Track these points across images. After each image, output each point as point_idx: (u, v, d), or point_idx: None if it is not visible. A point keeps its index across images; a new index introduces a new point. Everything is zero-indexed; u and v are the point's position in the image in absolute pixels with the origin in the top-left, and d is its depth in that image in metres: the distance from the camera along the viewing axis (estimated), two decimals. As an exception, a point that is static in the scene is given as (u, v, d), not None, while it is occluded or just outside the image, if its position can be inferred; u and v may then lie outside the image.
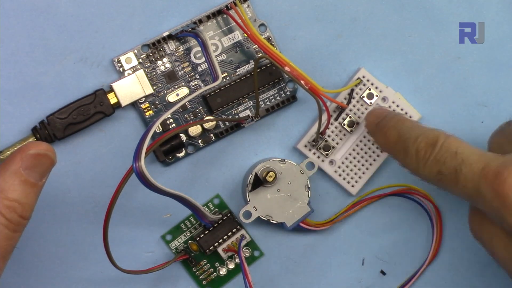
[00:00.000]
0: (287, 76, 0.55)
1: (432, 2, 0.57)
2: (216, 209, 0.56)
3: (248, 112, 0.56)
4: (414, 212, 0.57)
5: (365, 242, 0.57)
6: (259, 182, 0.54)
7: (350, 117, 0.56)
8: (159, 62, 0.55)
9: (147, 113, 0.55)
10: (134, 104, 0.55)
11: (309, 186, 0.55)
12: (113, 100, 0.54)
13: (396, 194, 0.57)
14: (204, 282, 0.56)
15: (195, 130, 0.55)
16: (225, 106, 0.55)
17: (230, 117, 0.56)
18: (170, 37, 0.55)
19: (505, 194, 0.44)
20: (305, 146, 0.56)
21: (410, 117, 0.56)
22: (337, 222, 0.57)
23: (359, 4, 0.57)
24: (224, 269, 0.56)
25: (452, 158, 0.47)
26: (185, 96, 0.55)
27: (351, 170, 0.56)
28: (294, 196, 0.55)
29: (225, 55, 0.56)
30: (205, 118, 0.55)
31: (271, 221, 0.55)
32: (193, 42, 0.55)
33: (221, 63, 0.56)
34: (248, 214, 0.54)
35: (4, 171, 0.45)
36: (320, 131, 0.55)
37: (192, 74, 0.55)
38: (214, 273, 0.56)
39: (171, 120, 0.55)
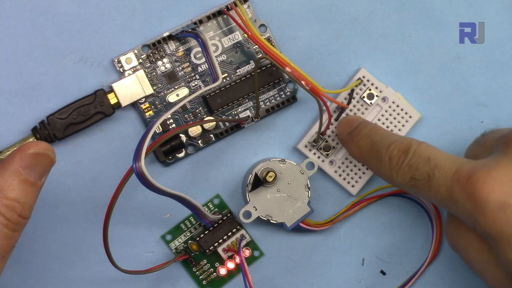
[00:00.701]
0: (287, 77, 0.55)
1: (432, 2, 0.57)
2: (216, 209, 0.56)
3: (248, 113, 0.56)
4: (414, 212, 0.57)
5: (365, 242, 0.57)
6: (259, 182, 0.54)
7: (350, 117, 0.56)
8: (159, 63, 0.55)
9: (147, 114, 0.55)
10: (134, 105, 0.55)
11: (309, 186, 0.55)
12: (113, 100, 0.54)
13: (396, 194, 0.57)
14: (204, 282, 0.56)
15: (195, 130, 0.55)
16: (225, 106, 0.55)
17: (230, 117, 0.56)
18: (170, 37, 0.55)
19: (476, 196, 0.45)
20: (306, 146, 0.56)
21: (410, 117, 0.56)
22: (337, 222, 0.57)
23: (359, 4, 0.57)
24: (224, 269, 0.56)
25: (425, 163, 0.48)
26: (185, 97, 0.55)
27: (351, 170, 0.56)
28: (294, 196, 0.55)
29: (225, 56, 0.56)
30: (205, 119, 0.55)
31: (271, 221, 0.55)
32: (193, 42, 0.55)
33: (221, 64, 0.56)
34: (248, 214, 0.54)
35: (3, 170, 0.45)
36: (321, 131, 0.55)
37: (192, 74, 0.55)
38: (214, 273, 0.56)
39: (171, 121, 0.55)
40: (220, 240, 0.55)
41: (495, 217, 0.44)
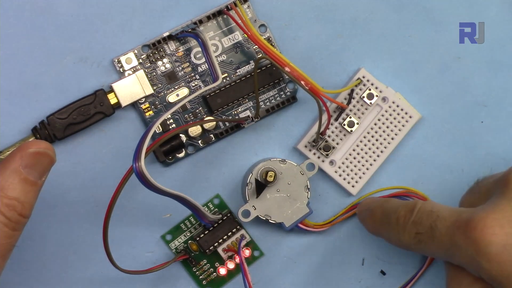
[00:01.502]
0: (287, 77, 0.55)
1: (432, 2, 0.57)
2: (216, 209, 0.56)
3: (248, 113, 0.56)
4: (414, 213, 0.57)
5: (365, 242, 0.57)
6: (262, 186, 0.54)
7: (350, 118, 0.56)
8: (159, 63, 0.55)
9: (147, 114, 0.55)
10: (134, 105, 0.55)
11: (308, 187, 0.55)
12: (113, 101, 0.54)
13: (396, 196, 0.57)
14: (204, 282, 0.56)
15: (195, 130, 0.55)
16: (225, 106, 0.55)
17: (230, 117, 0.56)
18: (170, 37, 0.55)
19: (478, 240, 0.45)
20: (305, 146, 0.56)
21: (410, 117, 0.56)
22: (338, 222, 0.57)
23: (359, 4, 0.57)
24: (224, 269, 0.56)
25: (427, 216, 0.48)
26: (185, 97, 0.55)
27: (351, 171, 0.56)
28: (294, 196, 0.55)
29: (225, 56, 0.56)
30: (205, 119, 0.55)
31: (269, 220, 0.55)
32: (193, 42, 0.55)
33: (221, 64, 0.56)
34: (247, 213, 0.54)
35: (4, 169, 0.45)
36: (320, 131, 0.55)
37: (192, 74, 0.55)
38: (214, 273, 0.56)
39: (171, 121, 0.55)
40: (220, 240, 0.55)
41: (499, 259, 0.44)
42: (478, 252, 0.45)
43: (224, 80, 0.56)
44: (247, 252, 0.56)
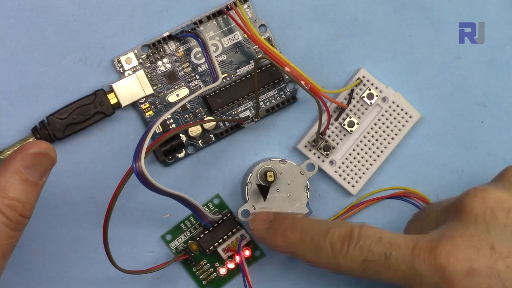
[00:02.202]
0: (287, 77, 0.55)
1: (432, 2, 0.57)
2: (216, 209, 0.56)
3: (248, 113, 0.56)
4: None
5: (365, 242, 0.57)
6: (266, 188, 0.54)
7: (350, 118, 0.56)
8: (159, 63, 0.55)
9: (147, 114, 0.55)
10: (134, 105, 0.55)
11: (308, 187, 0.55)
12: (113, 101, 0.54)
13: (395, 197, 0.57)
14: (204, 282, 0.56)
15: (195, 130, 0.55)
16: (225, 106, 0.55)
17: (230, 117, 0.56)
18: (170, 37, 0.55)
19: (442, 267, 0.45)
20: (305, 146, 0.56)
21: (410, 117, 0.56)
22: (337, 222, 0.57)
23: (359, 4, 0.57)
24: (224, 269, 0.56)
25: (377, 243, 0.47)
26: (185, 97, 0.55)
27: (351, 170, 0.56)
28: (293, 196, 0.55)
29: (225, 56, 0.56)
30: (205, 119, 0.55)
31: (270, 221, 0.55)
32: (193, 42, 0.55)
33: (221, 64, 0.56)
34: (246, 213, 0.54)
35: (4, 170, 0.45)
36: (320, 131, 0.55)
37: (192, 74, 0.55)
38: (214, 273, 0.56)
39: (171, 121, 0.55)
40: (220, 240, 0.55)
41: (464, 284, 0.44)
42: (442, 279, 0.45)
43: (224, 80, 0.56)
44: (247, 252, 0.56)
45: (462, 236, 0.46)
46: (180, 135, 0.55)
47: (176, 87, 0.55)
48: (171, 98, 0.55)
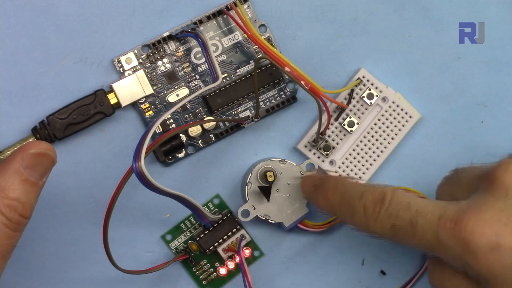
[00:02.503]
0: (287, 77, 0.55)
1: (432, 2, 0.57)
2: (216, 209, 0.56)
3: (248, 113, 0.56)
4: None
5: (365, 242, 0.57)
6: (267, 189, 0.54)
7: (350, 118, 0.56)
8: (159, 63, 0.55)
9: (147, 114, 0.55)
10: (134, 105, 0.55)
11: (308, 187, 0.55)
12: (113, 100, 0.54)
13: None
14: (204, 282, 0.56)
15: (195, 130, 0.55)
16: (225, 106, 0.55)
17: (230, 117, 0.56)
18: (170, 37, 0.55)
19: (467, 240, 0.45)
20: (305, 146, 0.56)
21: (410, 117, 0.56)
22: (337, 222, 0.57)
23: (359, 4, 0.57)
24: (224, 269, 0.56)
25: (405, 210, 0.47)
26: (185, 97, 0.55)
27: (351, 170, 0.56)
28: (293, 196, 0.55)
29: (225, 56, 0.56)
30: (205, 119, 0.55)
31: (269, 220, 0.55)
32: (193, 42, 0.55)
33: (221, 64, 0.56)
34: (246, 213, 0.54)
35: (4, 170, 0.45)
36: (320, 131, 0.55)
37: (192, 74, 0.55)
38: (214, 273, 0.56)
39: (171, 121, 0.55)
40: (220, 240, 0.55)
41: (488, 259, 0.44)
42: (466, 252, 0.45)
43: (224, 80, 0.56)
44: (247, 252, 0.56)
45: (490, 210, 0.45)
46: (180, 135, 0.55)
47: (176, 87, 0.55)
48: (171, 98, 0.55)
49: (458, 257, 0.45)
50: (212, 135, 0.56)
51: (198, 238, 0.55)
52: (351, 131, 0.56)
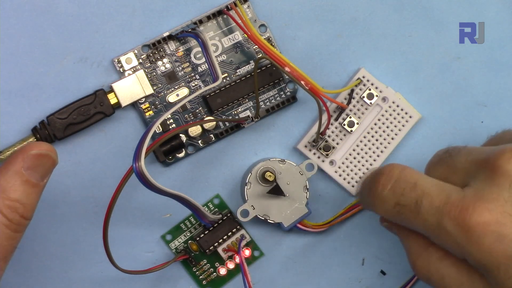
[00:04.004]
0: (287, 77, 0.55)
1: (432, 2, 0.57)
2: (216, 209, 0.56)
3: (248, 113, 0.56)
4: (414, 212, 0.57)
5: (365, 242, 0.57)
6: (276, 188, 0.54)
7: (350, 117, 0.56)
8: (159, 63, 0.55)
9: (147, 114, 0.55)
10: (134, 105, 0.55)
11: (307, 187, 0.55)
12: (113, 101, 0.54)
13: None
14: (204, 282, 0.56)
15: (195, 130, 0.55)
16: (225, 106, 0.55)
17: (230, 117, 0.56)
18: (170, 37, 0.55)
19: (471, 229, 0.44)
20: (305, 146, 0.56)
21: (410, 117, 0.56)
22: (337, 222, 0.57)
23: (359, 4, 0.57)
24: (224, 269, 0.56)
25: (411, 189, 0.47)
26: (185, 97, 0.55)
27: (351, 170, 0.56)
28: (293, 196, 0.55)
29: (225, 56, 0.56)
30: (205, 119, 0.55)
31: (268, 220, 0.55)
32: (193, 42, 0.55)
33: (221, 64, 0.56)
34: (245, 213, 0.54)
35: (5, 171, 0.45)
36: (320, 131, 0.55)
37: (192, 74, 0.55)
38: (214, 273, 0.56)
39: (171, 121, 0.55)
40: (220, 240, 0.55)
41: (491, 249, 0.44)
42: (469, 241, 0.45)
43: (224, 80, 0.56)
44: (247, 252, 0.56)
45: (495, 201, 0.45)
46: (180, 135, 0.55)
47: (176, 87, 0.55)
48: (171, 98, 0.55)
49: (459, 245, 0.45)
50: (212, 135, 0.56)
51: (198, 238, 0.55)
52: (351, 131, 0.56)
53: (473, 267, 0.46)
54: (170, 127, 0.55)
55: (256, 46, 0.55)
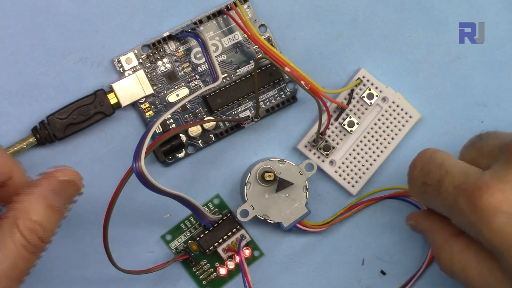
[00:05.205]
0: (287, 77, 0.55)
1: (432, 2, 0.57)
2: (216, 209, 0.56)
3: (248, 113, 0.56)
4: (414, 213, 0.57)
5: (365, 242, 0.57)
6: (283, 182, 0.54)
7: (350, 118, 0.56)
8: (159, 63, 0.55)
9: (147, 114, 0.55)
10: (134, 105, 0.55)
11: (307, 187, 0.55)
12: (113, 101, 0.54)
13: (395, 197, 0.57)
14: (204, 282, 0.56)
15: (195, 130, 0.55)
16: (225, 106, 0.55)
17: (230, 117, 0.56)
18: (170, 37, 0.55)
19: (482, 209, 0.45)
20: (305, 146, 0.56)
21: (410, 117, 0.56)
22: (336, 223, 0.57)
23: (359, 4, 0.57)
24: (224, 269, 0.56)
25: (437, 169, 0.48)
26: (185, 97, 0.55)
27: (351, 170, 0.56)
28: (292, 196, 0.55)
29: (225, 56, 0.56)
30: (205, 119, 0.55)
31: (268, 220, 0.55)
32: (193, 42, 0.55)
33: (221, 64, 0.56)
34: (245, 213, 0.54)
35: (30, 191, 0.45)
36: (320, 131, 0.55)
37: (192, 74, 0.55)
38: (214, 273, 0.56)
39: (171, 121, 0.55)
40: (220, 240, 0.55)
41: (502, 230, 0.44)
42: (481, 220, 0.45)
43: (224, 80, 0.56)
44: (247, 252, 0.56)
45: (509, 182, 0.45)
46: (180, 135, 0.55)
47: (176, 87, 0.55)
48: (171, 98, 0.55)
49: (473, 225, 0.45)
50: (212, 135, 0.56)
51: (198, 238, 0.55)
52: (351, 131, 0.56)
53: (489, 251, 0.46)
54: (170, 127, 0.55)
55: (256, 46, 0.55)
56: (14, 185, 0.48)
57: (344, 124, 0.56)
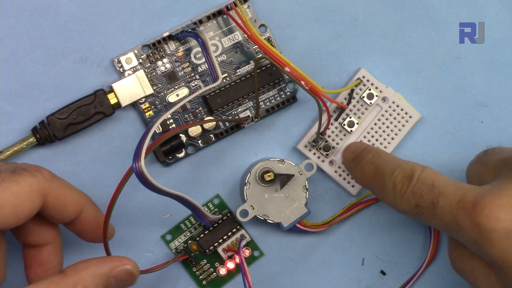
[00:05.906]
0: (287, 77, 0.55)
1: (432, 2, 0.57)
2: (216, 209, 0.56)
3: (248, 113, 0.56)
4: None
5: (365, 242, 0.57)
6: (285, 178, 0.54)
7: (350, 118, 0.56)
8: (159, 63, 0.55)
9: (147, 114, 0.55)
10: (134, 105, 0.55)
11: (307, 187, 0.55)
12: (113, 101, 0.54)
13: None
14: (204, 282, 0.56)
15: (195, 130, 0.55)
16: (225, 106, 0.55)
17: (230, 117, 0.56)
18: (170, 37, 0.55)
19: (482, 224, 0.45)
20: (305, 146, 0.56)
21: (410, 117, 0.56)
22: (337, 222, 0.57)
23: (359, 4, 0.57)
24: (224, 269, 0.56)
25: (429, 190, 0.48)
26: (185, 97, 0.55)
27: (351, 170, 0.56)
28: (292, 196, 0.55)
29: (225, 56, 0.56)
30: (205, 119, 0.55)
31: (267, 220, 0.55)
32: (193, 42, 0.55)
33: (221, 64, 0.56)
34: (245, 213, 0.54)
35: (96, 266, 0.46)
36: (320, 131, 0.55)
37: (192, 74, 0.55)
38: (214, 273, 0.56)
39: (171, 121, 0.55)
40: (220, 240, 0.55)
41: (502, 245, 0.44)
42: (481, 236, 0.45)
43: (224, 80, 0.56)
44: (247, 252, 0.56)
45: (508, 196, 0.45)
46: (180, 135, 0.55)
47: (176, 87, 0.55)
48: (171, 98, 0.55)
49: (473, 241, 0.45)
50: (212, 135, 0.56)
51: (198, 238, 0.55)
52: (351, 131, 0.56)
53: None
54: (170, 127, 0.55)
55: (256, 46, 0.55)
56: (86, 219, 0.49)
57: (344, 124, 0.56)
